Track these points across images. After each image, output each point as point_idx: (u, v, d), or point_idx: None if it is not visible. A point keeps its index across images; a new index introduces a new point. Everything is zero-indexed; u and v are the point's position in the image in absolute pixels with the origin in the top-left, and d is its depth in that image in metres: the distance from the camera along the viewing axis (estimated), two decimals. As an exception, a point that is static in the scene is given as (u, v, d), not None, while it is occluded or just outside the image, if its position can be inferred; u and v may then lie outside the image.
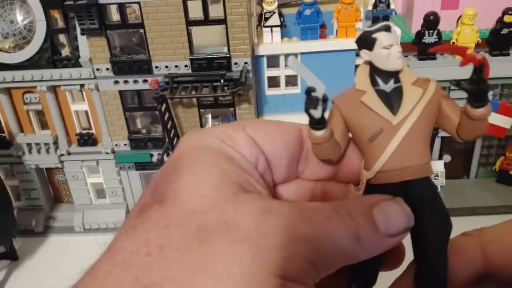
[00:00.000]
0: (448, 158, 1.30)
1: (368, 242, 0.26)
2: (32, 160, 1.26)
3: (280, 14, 1.13)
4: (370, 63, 0.30)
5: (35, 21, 1.10)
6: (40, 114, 1.25)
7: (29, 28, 1.12)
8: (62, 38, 1.17)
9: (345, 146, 0.31)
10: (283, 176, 0.32)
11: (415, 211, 0.28)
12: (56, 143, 1.24)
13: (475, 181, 1.34)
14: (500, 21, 1.14)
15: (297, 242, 0.24)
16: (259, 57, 1.15)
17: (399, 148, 0.29)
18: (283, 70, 1.16)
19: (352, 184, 0.31)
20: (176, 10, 1.04)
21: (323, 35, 1.14)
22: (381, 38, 0.29)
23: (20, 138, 1.23)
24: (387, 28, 0.29)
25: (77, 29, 1.09)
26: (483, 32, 1.16)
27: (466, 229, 0.32)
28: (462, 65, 0.28)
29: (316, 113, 0.28)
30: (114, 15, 1.10)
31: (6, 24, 1.11)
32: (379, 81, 0.29)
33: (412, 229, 0.28)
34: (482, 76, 0.27)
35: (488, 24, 1.18)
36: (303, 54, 1.14)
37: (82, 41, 1.11)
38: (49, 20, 1.10)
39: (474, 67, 0.27)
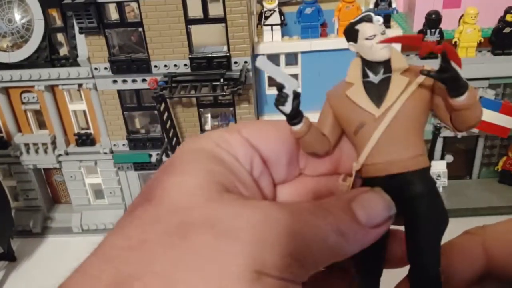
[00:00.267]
0: (451, 158, 1.29)
1: (353, 235, 0.26)
2: (30, 160, 1.25)
3: (281, 13, 1.12)
4: (360, 55, 0.30)
5: (33, 20, 1.10)
6: (38, 114, 1.25)
7: (27, 27, 1.11)
8: (60, 37, 1.16)
9: (335, 138, 0.31)
10: (285, 174, 0.32)
11: (407, 205, 0.28)
12: (54, 143, 1.23)
13: (477, 182, 1.33)
14: (502, 20, 1.14)
15: (277, 235, 0.24)
16: (259, 56, 1.14)
17: (382, 140, 0.28)
18: (283, 69, 1.16)
19: (342, 176, 0.31)
20: (175, 9, 1.03)
21: (324, 34, 1.14)
22: (363, 29, 0.29)
23: (18, 138, 1.23)
24: (368, 19, 0.29)
25: (75, 28, 1.08)
26: (485, 31, 1.15)
27: (468, 229, 0.31)
28: (422, 54, 0.27)
29: (285, 109, 0.29)
30: (112, 13, 1.09)
31: (4, 23, 1.11)
32: (369, 72, 0.29)
33: (405, 224, 0.28)
34: (447, 65, 0.26)
35: (490, 23, 1.17)
36: (304, 53, 1.13)
37: (80, 40, 1.10)
38: (47, 19, 1.10)
39: (441, 56, 0.26)
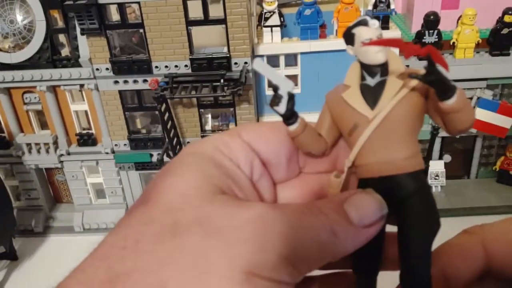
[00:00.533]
0: (449, 158, 1.30)
1: (345, 235, 0.26)
2: (32, 160, 1.26)
3: (280, 14, 1.13)
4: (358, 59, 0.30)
5: (34, 21, 1.10)
6: (39, 114, 1.25)
7: (28, 28, 1.12)
8: (62, 38, 1.17)
9: (332, 139, 0.32)
10: (285, 174, 0.33)
11: (398, 207, 0.28)
12: (55, 143, 1.24)
13: (475, 181, 1.34)
14: (500, 21, 1.14)
15: (267, 235, 0.24)
16: (259, 57, 1.15)
17: (375, 141, 0.29)
18: (283, 70, 1.16)
19: (334, 172, 0.31)
20: (176, 10, 1.04)
21: (323, 35, 1.14)
22: (359, 32, 0.29)
23: (19, 138, 1.23)
24: (364, 23, 0.29)
25: (77, 29, 1.09)
26: (483, 32, 1.16)
27: (466, 230, 0.31)
28: (407, 57, 0.27)
29: (280, 110, 0.30)
30: (114, 15, 1.10)
31: (6, 24, 1.11)
32: (366, 75, 0.30)
33: (397, 225, 0.29)
34: (432, 67, 0.26)
35: (488, 24, 1.18)
36: (303, 54, 1.14)
37: (82, 41, 1.11)
38: (49, 20, 1.10)
39: (426, 59, 0.26)
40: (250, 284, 0.23)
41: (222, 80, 1.07)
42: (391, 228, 0.30)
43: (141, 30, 1.07)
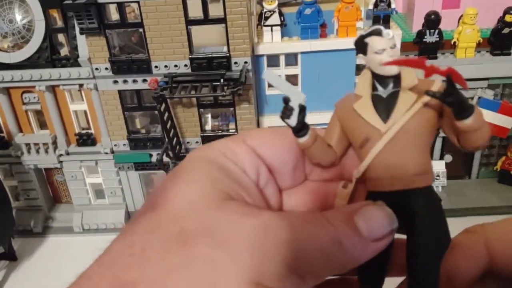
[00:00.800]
0: (450, 158, 1.29)
1: (352, 248, 0.26)
2: (31, 160, 1.25)
3: (280, 13, 1.12)
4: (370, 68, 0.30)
5: (34, 21, 1.10)
6: (39, 114, 1.25)
7: (28, 28, 1.11)
8: (61, 37, 1.16)
9: (342, 150, 0.31)
10: (291, 181, 0.33)
11: (409, 221, 0.28)
12: (55, 143, 1.24)
13: (476, 181, 1.33)
14: (501, 20, 1.14)
15: (277, 246, 0.24)
16: (259, 56, 1.14)
17: (386, 155, 0.28)
18: (283, 70, 1.16)
19: (342, 182, 0.31)
20: (176, 9, 1.04)
21: (323, 35, 1.14)
22: (372, 42, 0.29)
23: (18, 138, 1.23)
24: (378, 32, 0.29)
25: (76, 28, 1.08)
26: (484, 31, 1.15)
27: (467, 230, 0.31)
28: (426, 77, 0.27)
29: (291, 122, 0.29)
30: (113, 14, 1.09)
31: (5, 23, 1.11)
32: (378, 85, 0.29)
33: (407, 238, 0.28)
34: (452, 88, 0.26)
35: (490, 23, 1.17)
36: (304, 54, 1.13)
37: (81, 40, 1.10)
38: (48, 19, 1.10)
39: (446, 79, 0.26)
40: None
41: (222, 80, 1.06)
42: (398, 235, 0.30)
43: (141, 30, 1.07)
